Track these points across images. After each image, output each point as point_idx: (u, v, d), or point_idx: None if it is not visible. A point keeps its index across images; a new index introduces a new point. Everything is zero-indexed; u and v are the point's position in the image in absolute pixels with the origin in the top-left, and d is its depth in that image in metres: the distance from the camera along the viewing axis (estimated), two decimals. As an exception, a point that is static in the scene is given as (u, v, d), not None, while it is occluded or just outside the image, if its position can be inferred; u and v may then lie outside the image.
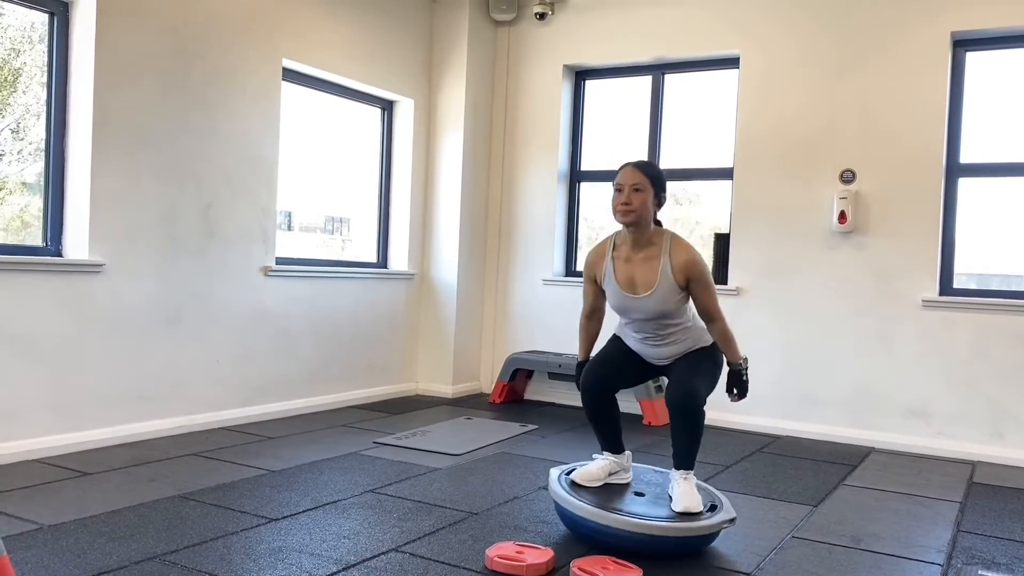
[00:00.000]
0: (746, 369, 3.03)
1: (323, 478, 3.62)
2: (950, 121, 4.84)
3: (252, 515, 3.07)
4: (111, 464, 3.70)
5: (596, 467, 3.11)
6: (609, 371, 3.10)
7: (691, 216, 5.85)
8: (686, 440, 2.94)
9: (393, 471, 3.79)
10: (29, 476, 3.46)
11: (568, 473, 3.15)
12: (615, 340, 3.22)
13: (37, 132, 3.96)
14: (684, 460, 2.96)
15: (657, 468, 3.36)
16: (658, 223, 3.07)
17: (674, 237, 3.03)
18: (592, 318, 3.25)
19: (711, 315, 3.01)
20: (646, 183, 2.96)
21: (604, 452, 3.16)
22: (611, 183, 3.08)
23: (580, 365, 3.22)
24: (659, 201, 3.01)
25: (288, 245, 5.29)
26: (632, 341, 3.15)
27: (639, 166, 3.00)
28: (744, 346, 5.27)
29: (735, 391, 3.04)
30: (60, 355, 3.85)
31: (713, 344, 3.08)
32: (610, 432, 3.13)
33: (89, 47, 3.93)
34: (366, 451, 4.17)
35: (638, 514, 2.80)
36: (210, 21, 4.45)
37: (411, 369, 6.05)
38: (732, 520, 2.87)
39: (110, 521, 2.93)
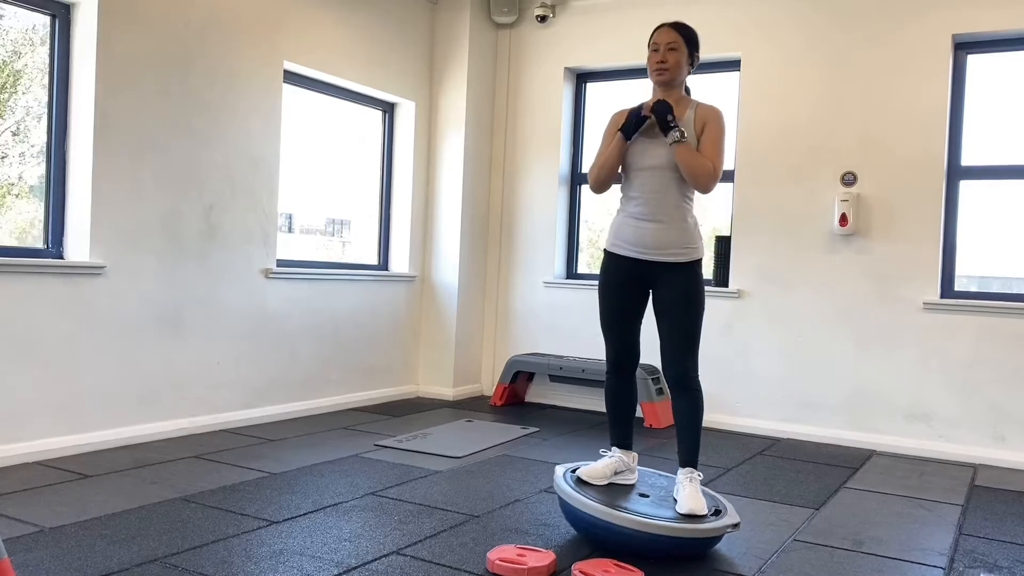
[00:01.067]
0: (675, 129, 2.93)
1: (324, 481, 3.62)
2: (951, 123, 4.84)
3: (253, 518, 3.06)
4: (112, 466, 3.69)
5: (602, 465, 3.12)
6: (619, 313, 3.09)
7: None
8: (689, 419, 3.00)
9: (394, 474, 3.79)
10: (30, 478, 3.45)
11: (574, 470, 3.17)
12: (604, 287, 3.12)
13: (38, 134, 3.96)
14: (689, 448, 3.00)
15: (663, 472, 3.36)
16: (687, 91, 3.15)
17: (701, 103, 3.10)
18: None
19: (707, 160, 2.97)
20: (680, 42, 3.06)
21: (612, 448, 3.18)
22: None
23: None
24: (692, 61, 3.10)
25: (289, 247, 5.30)
26: (628, 225, 3.06)
27: (674, 26, 3.08)
28: (746, 348, 5.28)
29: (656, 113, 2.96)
30: (61, 357, 3.85)
31: (699, 262, 3.05)
32: (623, 417, 3.17)
33: (91, 49, 3.93)
34: (367, 453, 4.16)
35: (642, 513, 2.81)
36: (211, 23, 4.45)
37: (412, 371, 6.05)
38: (736, 525, 2.87)
39: (111, 524, 2.92)
